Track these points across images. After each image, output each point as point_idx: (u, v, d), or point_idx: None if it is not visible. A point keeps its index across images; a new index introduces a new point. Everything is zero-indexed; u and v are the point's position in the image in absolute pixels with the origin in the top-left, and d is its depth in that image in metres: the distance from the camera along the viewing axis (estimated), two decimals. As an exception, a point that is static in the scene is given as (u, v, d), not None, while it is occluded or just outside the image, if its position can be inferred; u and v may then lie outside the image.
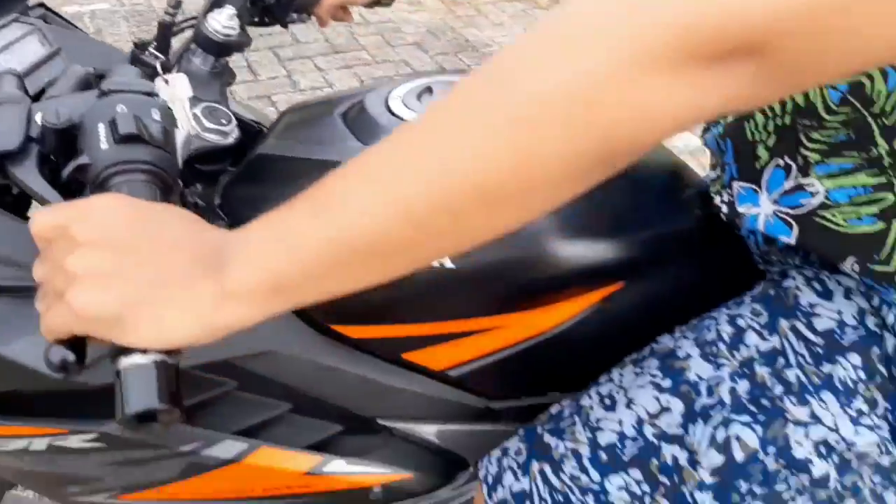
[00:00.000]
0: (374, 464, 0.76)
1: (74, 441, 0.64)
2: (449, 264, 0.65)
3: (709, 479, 0.59)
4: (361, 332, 0.71)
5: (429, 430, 0.77)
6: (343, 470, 0.75)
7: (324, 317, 0.71)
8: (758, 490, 0.58)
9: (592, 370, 0.71)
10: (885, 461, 0.57)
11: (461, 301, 0.69)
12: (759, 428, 0.58)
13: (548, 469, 0.66)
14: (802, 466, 0.57)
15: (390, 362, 0.73)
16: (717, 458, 0.59)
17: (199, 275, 0.41)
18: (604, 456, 0.63)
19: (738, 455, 0.58)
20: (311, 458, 0.73)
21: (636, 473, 0.62)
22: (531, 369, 0.74)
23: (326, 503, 0.77)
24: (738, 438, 0.59)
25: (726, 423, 0.59)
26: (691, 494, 0.60)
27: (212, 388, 0.69)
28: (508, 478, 0.68)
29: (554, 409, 0.71)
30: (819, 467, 0.57)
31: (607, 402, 0.66)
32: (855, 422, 0.57)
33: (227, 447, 0.70)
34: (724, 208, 0.67)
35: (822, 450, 0.57)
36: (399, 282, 0.55)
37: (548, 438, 0.68)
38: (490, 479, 0.70)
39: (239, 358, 0.67)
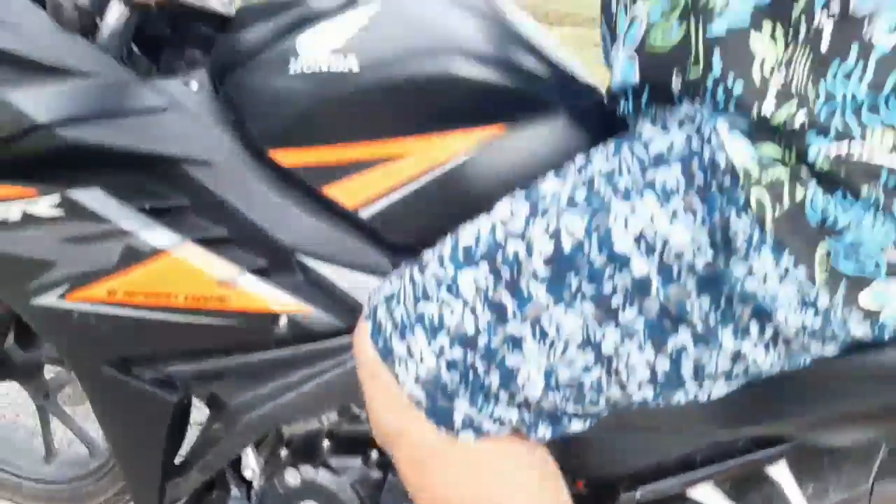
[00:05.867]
0: (283, 290, 0.87)
1: (43, 207, 0.78)
2: (355, 68, 0.81)
3: (542, 271, 0.70)
4: (290, 156, 0.85)
5: (336, 274, 0.88)
6: (253, 288, 0.86)
7: (259, 139, 0.85)
8: (587, 289, 0.69)
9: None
10: (700, 264, 0.67)
11: (369, 116, 0.84)
12: (585, 217, 0.69)
13: (415, 270, 0.77)
14: (624, 261, 0.68)
15: (313, 197, 0.87)
16: (548, 247, 0.70)
17: None
18: (461, 255, 0.74)
19: (566, 244, 0.69)
20: (228, 268, 0.86)
21: (484, 267, 0.73)
22: (429, 212, 0.86)
23: (238, 325, 0.88)
24: (566, 228, 0.70)
25: (559, 214, 0.71)
26: (527, 286, 0.71)
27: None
28: (385, 287, 0.79)
29: None
30: (638, 264, 0.67)
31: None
32: (671, 219, 0.67)
33: (160, 235, 0.84)
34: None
35: (642, 246, 0.67)
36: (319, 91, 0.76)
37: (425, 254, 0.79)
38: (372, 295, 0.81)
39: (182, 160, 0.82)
